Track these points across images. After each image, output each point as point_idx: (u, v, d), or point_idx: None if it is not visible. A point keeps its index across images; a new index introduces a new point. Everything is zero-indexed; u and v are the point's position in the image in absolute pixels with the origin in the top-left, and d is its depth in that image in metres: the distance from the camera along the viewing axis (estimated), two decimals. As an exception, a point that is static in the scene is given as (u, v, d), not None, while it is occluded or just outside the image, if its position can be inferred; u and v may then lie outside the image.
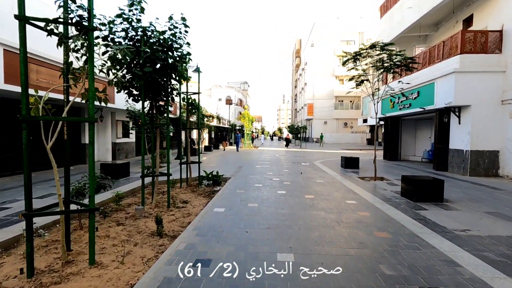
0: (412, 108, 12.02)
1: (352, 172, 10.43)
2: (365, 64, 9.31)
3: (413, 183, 5.92)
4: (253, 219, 4.65)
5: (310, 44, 46.16)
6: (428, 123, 14.41)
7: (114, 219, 4.80)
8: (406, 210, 5.27)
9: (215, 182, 7.91)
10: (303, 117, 50.67)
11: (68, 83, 3.29)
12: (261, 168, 11.38)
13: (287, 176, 9.22)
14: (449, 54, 9.84)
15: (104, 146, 12.98)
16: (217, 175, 8.11)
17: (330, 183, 8.00)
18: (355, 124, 43.62)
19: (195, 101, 8.10)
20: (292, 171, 10.47)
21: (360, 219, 4.68)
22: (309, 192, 6.74)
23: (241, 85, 79.34)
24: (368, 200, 5.98)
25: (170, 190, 7.15)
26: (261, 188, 7.26)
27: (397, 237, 3.86)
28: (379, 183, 8.22)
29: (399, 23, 14.19)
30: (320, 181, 8.40)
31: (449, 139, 10.27)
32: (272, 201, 5.89)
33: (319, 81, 44.59)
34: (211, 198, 6.29)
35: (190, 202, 5.98)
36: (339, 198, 6.19)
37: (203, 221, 4.50)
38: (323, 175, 9.63)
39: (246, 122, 27.35)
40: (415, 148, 15.11)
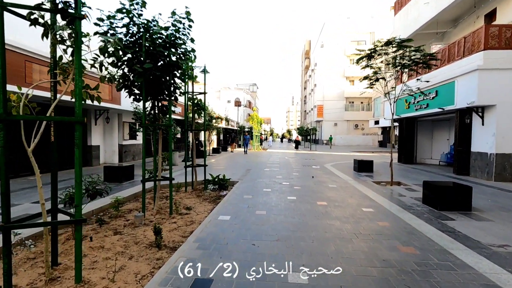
0: (430, 109, 11.38)
1: (366, 176, 9.88)
2: (380, 62, 8.77)
3: (437, 190, 5.39)
4: (261, 229, 4.23)
5: (320, 45, 45.54)
6: (445, 124, 13.70)
7: (112, 227, 4.47)
8: (431, 220, 4.75)
9: (221, 187, 7.53)
10: (313, 118, 49.99)
11: (55, 78, 2.97)
12: (270, 171, 10.96)
13: (297, 180, 8.76)
14: (471, 50, 9.21)
15: (110, 148, 12.81)
16: (224, 179, 7.73)
17: (343, 188, 7.51)
18: (366, 126, 42.68)
19: (201, 101, 7.77)
20: (303, 175, 10.00)
21: (380, 230, 4.20)
22: (321, 198, 6.27)
23: (250, 87, 79.18)
24: (386, 208, 5.48)
25: (174, 196, 6.84)
26: (269, 193, 6.84)
27: (426, 253, 3.38)
28: (396, 188, 7.68)
29: (414, 20, 13.56)
30: (332, 185, 7.92)
31: (471, 141, 9.61)
32: (281, 208, 5.46)
33: (329, 82, 43.88)
34: (217, 204, 5.91)
35: (194, 209, 5.61)
36: (355, 205, 5.71)
37: (206, 230, 4.12)
38: (336, 179, 9.13)
39: (254, 124, 26.97)
40: (431, 151, 14.38)
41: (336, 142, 41.74)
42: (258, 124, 27.17)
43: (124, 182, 8.20)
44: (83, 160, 11.48)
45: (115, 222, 4.71)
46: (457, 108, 9.72)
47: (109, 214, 5.18)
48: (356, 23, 44.20)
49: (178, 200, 6.32)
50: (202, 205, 5.92)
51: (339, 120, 43.72)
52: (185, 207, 5.66)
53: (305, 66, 65.14)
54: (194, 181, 7.71)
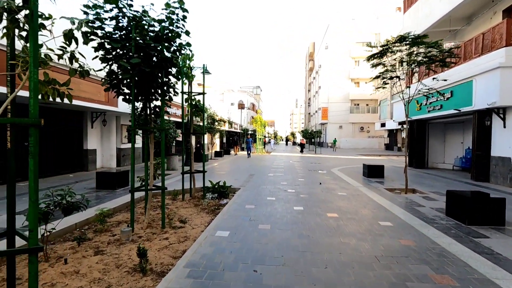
0: (444, 110, 10.71)
1: (377, 182, 9.23)
2: (393, 59, 8.17)
3: (464, 201, 4.75)
4: (264, 248, 3.64)
5: (324, 46, 44.99)
6: (459, 126, 12.99)
7: (94, 244, 3.91)
8: (461, 237, 4.11)
9: (221, 195, 6.96)
10: (317, 121, 49.29)
11: (13, 71, 2.44)
12: (274, 177, 10.35)
13: (304, 187, 8.15)
14: (490, 47, 8.56)
15: (108, 152, 12.33)
16: (224, 186, 7.15)
17: (355, 197, 6.88)
18: (372, 129, 41.87)
19: (199, 102, 7.22)
20: (309, 181, 9.38)
21: (404, 251, 3.58)
22: (331, 209, 5.66)
23: (254, 89, 78.79)
24: (406, 221, 4.84)
25: (170, 205, 6.28)
26: (274, 202, 6.24)
27: (466, 284, 2.76)
28: (412, 196, 7.02)
29: (426, 17, 12.93)
30: (342, 193, 7.29)
31: (490, 145, 8.92)
32: (287, 221, 4.86)
33: (333, 84, 43.24)
34: (216, 215, 5.34)
35: (189, 221, 5.03)
36: (370, 217, 5.09)
37: (200, 251, 3.53)
38: (345, 185, 8.50)
39: (258, 126, 26.40)
40: (444, 155, 13.66)
41: (341, 145, 41.00)
42: (261, 127, 26.60)
43: (118, 189, 7.67)
44: (79, 165, 11.00)
45: (99, 238, 4.16)
46: (475, 109, 9.05)
47: (95, 227, 4.62)
48: (361, 24, 43.59)
49: (174, 210, 5.76)
50: (199, 217, 5.34)
51: (344, 123, 42.97)
52: (179, 219, 5.09)
53: (309, 68, 64.56)
54: (193, 189, 7.14)
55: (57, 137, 10.07)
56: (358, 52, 42.93)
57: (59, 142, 10.13)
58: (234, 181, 9.05)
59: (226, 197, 6.99)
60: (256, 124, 26.36)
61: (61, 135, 10.21)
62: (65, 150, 10.36)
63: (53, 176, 9.70)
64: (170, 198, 6.93)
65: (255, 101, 69.29)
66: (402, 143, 31.57)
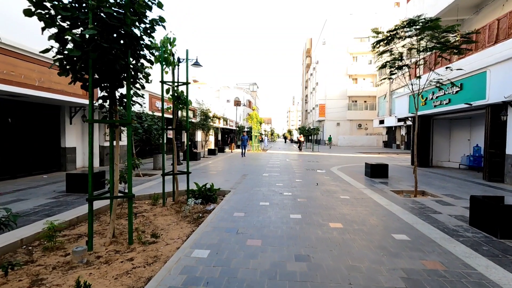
0: (452, 105, 9.93)
1: (381, 183, 8.44)
2: (402, 46, 7.34)
3: (494, 210, 3.94)
4: (252, 275, 2.80)
5: (321, 42, 44.12)
6: (466, 122, 12.25)
7: (34, 270, 3.04)
8: (498, 257, 3.31)
9: (207, 199, 6.11)
10: (315, 118, 48.56)
11: None
12: (269, 177, 9.52)
13: (301, 189, 7.32)
14: (507, 34, 7.77)
15: (90, 150, 11.39)
16: (212, 189, 6.31)
17: (359, 201, 6.07)
18: (370, 126, 41.23)
19: (182, 93, 6.33)
20: (307, 182, 8.56)
21: (433, 280, 2.75)
22: (334, 217, 4.83)
23: (250, 86, 77.76)
24: (424, 233, 4.03)
25: (148, 212, 5.42)
26: (267, 209, 5.40)
27: None
28: (423, 200, 6.23)
29: (431, 6, 12.12)
30: (344, 196, 6.47)
31: (505, 142, 8.16)
32: (282, 234, 4.03)
33: (331, 81, 42.45)
34: (198, 225, 4.50)
35: (165, 234, 4.18)
36: (380, 228, 4.27)
37: (168, 281, 2.68)
38: (347, 187, 7.69)
39: (254, 123, 25.52)
40: (449, 153, 12.92)
41: (338, 142, 40.32)
42: (257, 124, 25.73)
43: (92, 192, 6.76)
44: (55, 164, 10.06)
45: (45, 260, 3.30)
46: (489, 103, 8.27)
47: (42, 246, 3.74)
48: (359, 19, 42.74)
49: (150, 219, 4.91)
50: (178, 227, 4.49)
51: (341, 120, 42.27)
52: (153, 231, 4.23)
53: (307, 65, 63.72)
54: (176, 192, 6.27)
55: (29, 135, 9.13)
56: (356, 47, 42.17)
57: (31, 139, 9.18)
58: (225, 183, 8.20)
59: (213, 202, 6.15)
60: (252, 121, 25.46)
61: (33, 132, 9.26)
62: (38, 149, 9.42)
63: (24, 177, 8.76)
64: (149, 204, 6.08)
65: (251, 98, 68.33)
66: (401, 140, 30.92)
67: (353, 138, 40.23)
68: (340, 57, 42.31)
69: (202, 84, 57.74)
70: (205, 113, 17.44)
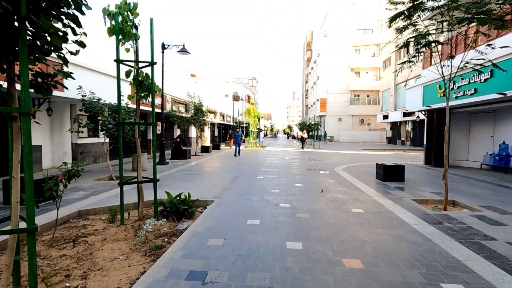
0: (478, 96, 8.49)
1: (397, 188, 7.04)
2: (429, 18, 5.88)
3: None
4: None
5: (323, 34, 42.41)
6: (488, 117, 10.81)
7: None
8: None
9: (180, 214, 4.73)
10: (315, 113, 47.05)
11: None
12: (264, 181, 8.12)
13: (302, 199, 5.92)
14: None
15: (60, 149, 9.99)
16: (188, 200, 4.92)
17: (377, 217, 4.66)
18: (372, 121, 39.79)
19: (147, 77, 4.87)
20: (309, 187, 7.16)
21: None
22: (349, 248, 3.43)
23: (249, 81, 76.02)
24: (491, 283, 2.64)
25: (98, 234, 3.98)
26: (256, 231, 4.00)
27: None
28: (460, 216, 4.82)
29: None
30: (357, 210, 5.07)
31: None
32: (276, 281, 2.62)
33: (333, 74, 40.86)
34: (156, 259, 3.12)
35: (97, 280, 2.78)
36: (421, 271, 2.86)
37: None
38: (358, 195, 6.29)
39: (251, 118, 24.05)
40: (468, 151, 11.50)
41: (340, 138, 38.91)
42: (255, 119, 24.26)
43: (42, 203, 5.37)
44: (17, 165, 8.67)
45: None
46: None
47: None
48: (362, 10, 41.02)
49: (96, 247, 3.54)
50: (125, 265, 3.10)
51: (343, 115, 40.79)
52: (83, 273, 2.84)
53: (307, 59, 61.96)
54: (141, 205, 4.85)
55: None
56: (359, 39, 40.52)
57: None
58: (210, 188, 6.80)
59: (189, 217, 4.76)
60: (249, 116, 23.98)
61: None
62: None
63: None
64: (106, 220, 4.69)
65: (250, 93, 66.71)
66: (406, 136, 29.48)
67: (355, 134, 38.77)
68: (342, 50, 40.67)
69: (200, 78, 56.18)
70: (198, 107, 15.99)
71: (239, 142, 16.20)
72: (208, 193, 6.26)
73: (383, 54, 33.97)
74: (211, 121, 28.45)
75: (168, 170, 9.97)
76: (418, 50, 5.69)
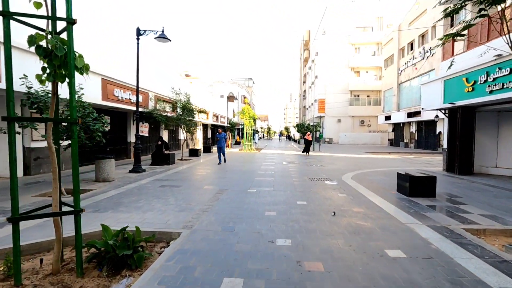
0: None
1: (430, 207, 5.34)
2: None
3: None
4: None
5: (321, 32, 40.88)
6: (522, 116, 9.18)
7: None
8: None
9: (121, 262, 2.97)
10: (313, 114, 45.44)
11: None
12: (256, 196, 6.36)
13: (309, 230, 4.16)
14: None
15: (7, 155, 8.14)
16: (137, 239, 3.17)
17: (430, 268, 2.93)
18: (373, 122, 38.30)
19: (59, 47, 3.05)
20: (315, 207, 5.41)
21: None
22: None
23: (246, 82, 74.32)
24: None
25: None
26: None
27: None
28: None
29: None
30: (394, 253, 3.33)
31: None
32: None
33: (331, 74, 39.32)
34: None
35: None
36: None
37: None
38: (384, 220, 4.55)
39: (246, 118, 22.27)
40: (497, 156, 9.86)
41: (340, 140, 37.31)
42: (250, 119, 22.51)
43: None
44: None
45: None
46: None
47: None
48: (361, 7, 39.57)
49: None
50: None
51: (342, 116, 39.23)
52: None
53: (305, 58, 60.47)
54: (56, 250, 3.05)
55: None
56: (359, 38, 39.05)
57: None
58: (183, 210, 5.03)
59: (134, 267, 3.00)
60: (244, 116, 22.20)
61: None
62: None
63: None
64: (3, 272, 2.91)
65: (246, 93, 65.01)
66: (410, 138, 27.93)
67: (356, 135, 37.19)
68: (341, 48, 39.17)
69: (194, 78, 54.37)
70: (184, 105, 14.21)
71: (222, 146, 12.58)
72: (177, 219, 4.49)
73: (385, 52, 32.47)
74: (203, 122, 26.65)
75: (139, 180, 8.18)
76: (483, 10, 3.92)
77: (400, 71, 28.04)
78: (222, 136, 12.75)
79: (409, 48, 26.89)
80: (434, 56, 21.94)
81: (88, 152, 11.30)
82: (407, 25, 26.83)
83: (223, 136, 12.80)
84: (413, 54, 25.45)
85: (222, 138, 12.71)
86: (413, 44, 25.97)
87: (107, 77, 10.65)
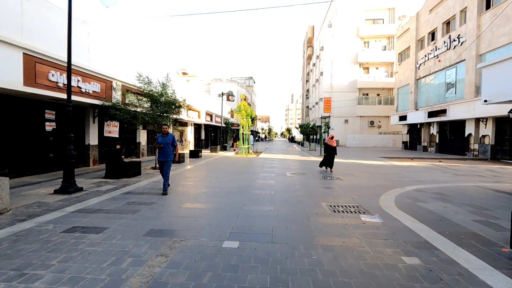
0: None
1: None
2: None
3: None
4: None
5: (327, 25, 37.65)
6: None
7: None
8: None
9: None
10: (318, 114, 42.12)
11: None
12: (238, 260, 3.12)
13: None
14: None
15: None
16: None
17: None
18: (383, 123, 35.02)
19: None
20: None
21: None
22: None
23: (246, 81, 71.03)
24: None
25: None
26: None
27: None
28: None
29: None
30: None
31: None
32: None
33: (338, 70, 36.07)
34: None
35: None
36: None
37: None
38: None
39: (242, 117, 19.06)
40: None
41: (347, 142, 33.99)
42: (247, 118, 19.29)
43: None
44: None
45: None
46: None
47: None
48: (371, -3, 36.28)
49: None
50: None
51: (350, 116, 35.95)
52: None
53: (308, 56, 57.25)
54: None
55: None
56: (368, 31, 35.77)
57: None
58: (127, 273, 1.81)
59: None
60: (240, 114, 18.97)
61: None
62: None
63: None
64: None
65: (246, 93, 61.82)
66: (429, 141, 24.60)
67: (365, 137, 33.84)
68: (349, 42, 35.92)
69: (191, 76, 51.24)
70: (171, 100, 11.06)
71: (168, 160, 6.56)
72: None
73: (399, 45, 29.20)
74: (194, 122, 23.45)
75: (55, 210, 4.98)
76: None
77: (419, 65, 24.74)
78: (167, 141, 6.57)
79: (429, 38, 23.61)
80: (463, 45, 18.67)
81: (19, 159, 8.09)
82: (427, 12, 23.58)
83: (169, 140, 6.61)
84: (435, 45, 22.16)
85: (167, 145, 6.56)
86: (435, 33, 22.69)
87: (34, 52, 7.39)
